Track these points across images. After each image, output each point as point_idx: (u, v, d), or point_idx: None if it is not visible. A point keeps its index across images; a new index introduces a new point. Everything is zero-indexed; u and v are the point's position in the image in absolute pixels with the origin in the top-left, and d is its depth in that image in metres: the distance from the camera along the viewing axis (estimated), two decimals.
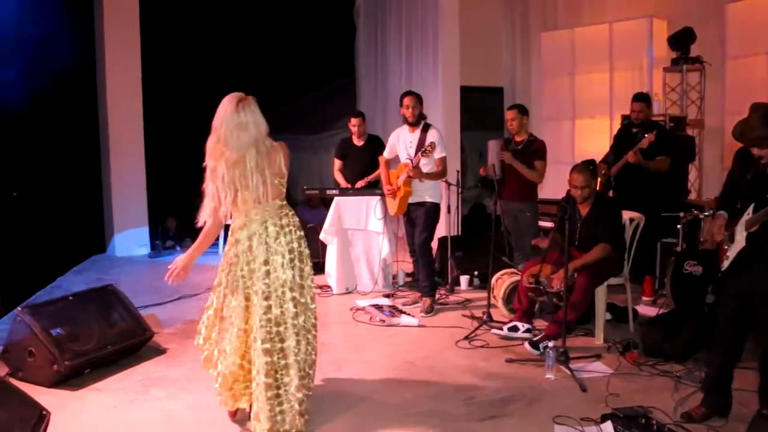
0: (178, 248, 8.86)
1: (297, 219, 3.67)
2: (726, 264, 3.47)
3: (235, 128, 3.39)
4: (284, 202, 3.62)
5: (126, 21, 8.43)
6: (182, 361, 4.67)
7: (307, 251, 3.69)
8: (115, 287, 4.99)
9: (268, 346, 3.42)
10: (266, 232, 3.51)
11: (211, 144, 3.43)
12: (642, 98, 6.55)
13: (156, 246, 8.82)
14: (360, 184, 6.75)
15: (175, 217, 9.46)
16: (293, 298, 3.52)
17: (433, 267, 6.10)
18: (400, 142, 5.96)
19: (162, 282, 3.61)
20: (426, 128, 5.81)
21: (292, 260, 3.55)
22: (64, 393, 4.06)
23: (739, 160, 3.56)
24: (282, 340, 3.47)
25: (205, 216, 3.49)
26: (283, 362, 3.46)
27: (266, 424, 3.38)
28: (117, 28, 8.38)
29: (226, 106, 3.45)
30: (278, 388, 3.44)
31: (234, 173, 3.42)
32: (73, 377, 4.21)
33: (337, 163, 7.04)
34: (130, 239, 8.63)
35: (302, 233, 3.66)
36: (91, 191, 8.78)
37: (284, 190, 3.60)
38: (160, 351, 4.87)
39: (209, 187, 3.43)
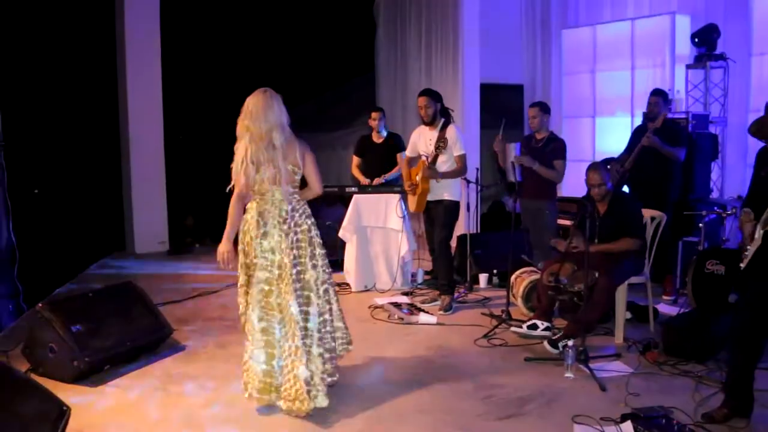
0: (197, 245, 8.90)
1: (306, 205, 3.98)
2: (745, 263, 3.42)
3: (262, 107, 3.77)
4: (296, 190, 3.91)
5: (147, 17, 8.47)
6: (201, 358, 4.70)
7: (318, 237, 3.98)
8: (134, 284, 5.03)
9: (264, 324, 3.78)
10: (279, 213, 3.82)
11: (240, 123, 3.81)
12: (657, 93, 6.50)
13: (175, 243, 8.86)
14: (377, 181, 6.75)
15: (192, 215, 9.50)
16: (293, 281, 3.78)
17: (452, 265, 6.07)
18: (421, 140, 5.95)
19: (181, 279, 3.68)
20: (445, 125, 5.79)
21: (298, 241, 3.84)
22: (84, 389, 4.10)
23: (761, 159, 3.53)
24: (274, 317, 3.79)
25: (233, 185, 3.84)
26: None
27: None
28: (138, 25, 8.41)
29: (256, 92, 3.84)
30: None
31: (259, 147, 3.76)
32: (93, 373, 4.24)
33: (356, 160, 7.05)
34: (150, 236, 8.68)
35: (312, 220, 3.96)
36: (111, 188, 8.85)
37: (298, 180, 3.90)
38: (179, 348, 4.90)
39: (235, 162, 3.78)
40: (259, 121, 3.76)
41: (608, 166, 6.66)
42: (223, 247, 3.81)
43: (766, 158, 3.42)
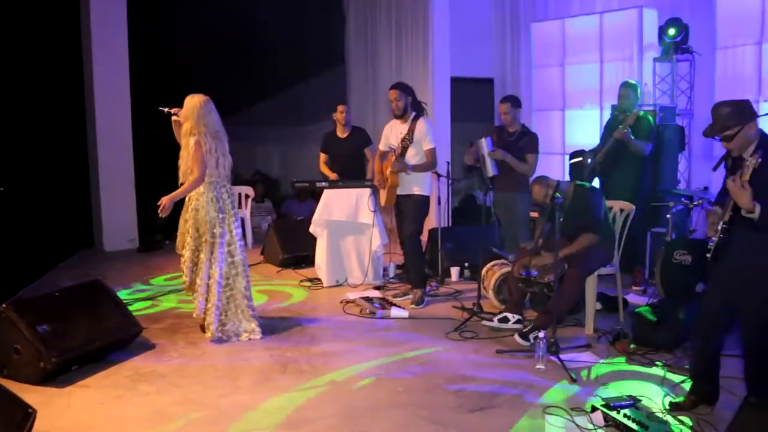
0: (167, 242, 8.80)
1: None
2: (710, 254, 3.48)
3: (208, 112, 4.77)
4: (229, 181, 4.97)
5: (112, 8, 8.34)
6: (171, 356, 4.64)
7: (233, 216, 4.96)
8: (102, 282, 4.95)
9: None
10: (229, 196, 4.94)
11: (189, 121, 4.73)
12: (627, 85, 6.57)
13: (145, 240, 8.75)
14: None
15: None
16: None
17: (422, 259, 6.08)
18: (392, 134, 5.93)
19: (151, 276, 3.67)
20: (416, 119, 5.78)
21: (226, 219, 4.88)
22: (51, 390, 4.02)
23: (727, 157, 3.57)
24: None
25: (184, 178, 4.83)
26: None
27: None
28: (103, 16, 8.27)
29: (193, 99, 4.77)
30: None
31: (216, 141, 4.78)
32: (60, 374, 4.17)
33: (322, 157, 7.00)
34: (119, 234, 8.57)
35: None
36: (78, 186, 8.72)
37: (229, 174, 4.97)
38: (149, 346, 4.84)
39: (201, 154, 4.69)
40: (211, 118, 4.78)
41: (579, 159, 6.76)
42: (166, 199, 4.73)
43: (734, 159, 3.46)
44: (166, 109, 4.93)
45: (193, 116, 4.76)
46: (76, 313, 4.47)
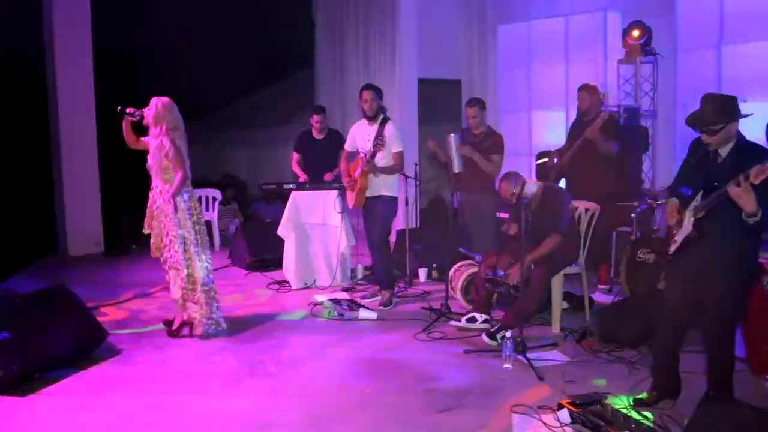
0: (134, 246, 8.69)
1: None
2: (673, 248, 3.53)
3: (177, 113, 4.93)
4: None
5: (76, 13, 8.22)
6: (137, 362, 4.58)
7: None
8: (66, 287, 4.87)
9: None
10: (193, 198, 5.03)
11: (162, 127, 4.84)
12: (585, 87, 6.62)
13: (111, 244, 8.63)
14: (328, 177, 6.68)
15: (129, 215, 9.26)
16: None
17: (390, 260, 6.10)
18: (360, 135, 5.94)
19: (116, 281, 3.62)
20: (384, 122, 5.79)
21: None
22: (12, 400, 3.92)
23: (693, 149, 3.64)
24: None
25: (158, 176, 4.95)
26: None
27: None
28: (65, 13, 8.16)
29: (163, 99, 4.90)
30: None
31: (184, 145, 4.93)
32: (23, 383, 4.06)
33: (296, 156, 6.99)
34: (84, 238, 8.44)
35: None
36: (42, 189, 8.56)
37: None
38: (115, 352, 4.76)
39: (182, 154, 4.88)
40: (180, 119, 4.94)
41: (545, 159, 6.82)
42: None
43: (698, 148, 3.53)
44: (128, 110, 4.94)
45: (167, 117, 4.86)
46: (38, 319, 4.39)
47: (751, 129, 6.33)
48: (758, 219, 3.19)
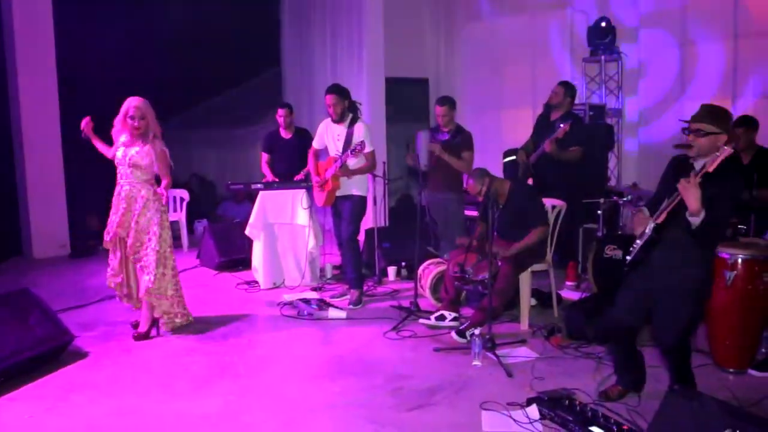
0: (101, 247, 8.54)
1: None
2: (631, 253, 3.53)
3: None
4: None
5: (38, 13, 8.07)
6: (105, 365, 4.52)
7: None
8: (29, 291, 4.79)
9: None
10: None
11: (152, 128, 4.90)
12: (563, 84, 6.70)
13: (77, 246, 8.50)
14: (299, 178, 6.66)
15: (96, 215, 9.13)
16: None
17: (360, 259, 6.10)
18: (329, 135, 5.92)
19: (83, 283, 3.56)
20: (353, 122, 5.78)
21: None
22: None
23: (673, 166, 3.62)
24: None
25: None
26: None
27: None
28: (28, 21, 8.00)
29: (144, 101, 4.85)
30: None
31: None
32: None
33: (264, 157, 6.96)
34: (49, 239, 8.30)
35: None
36: (4, 191, 8.40)
37: None
38: (81, 355, 4.70)
39: (168, 158, 4.96)
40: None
41: (513, 157, 6.88)
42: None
43: (680, 166, 3.50)
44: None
45: (152, 117, 4.90)
46: (2, 323, 4.31)
47: None
48: (698, 222, 3.19)
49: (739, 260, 4.11)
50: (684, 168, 3.43)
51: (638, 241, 3.47)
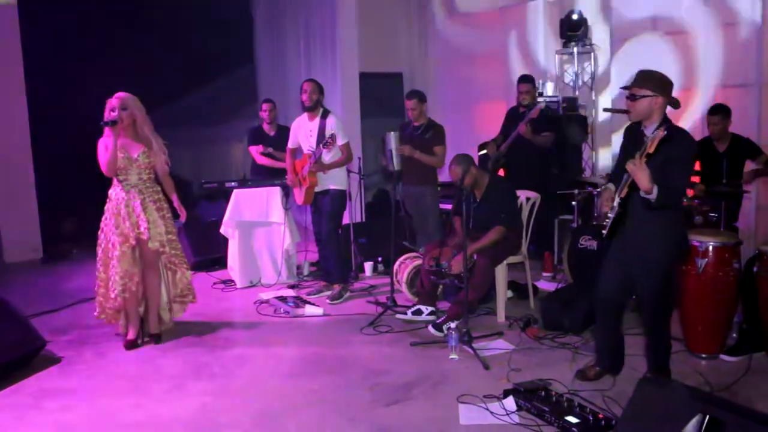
0: (75, 251, 8.46)
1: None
2: (604, 232, 3.60)
3: None
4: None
5: (3, 14, 7.92)
6: (78, 370, 4.46)
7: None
8: None
9: None
10: None
11: (147, 124, 4.76)
12: (526, 80, 6.74)
13: (50, 250, 8.38)
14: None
15: (74, 218, 9.01)
16: None
17: (342, 254, 6.09)
18: (301, 131, 5.89)
19: (56, 287, 3.51)
20: (325, 115, 5.76)
21: None
22: None
23: (628, 134, 3.71)
24: None
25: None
26: None
27: None
28: None
29: (128, 94, 4.66)
30: None
31: None
32: None
33: (257, 148, 6.88)
34: (20, 244, 8.15)
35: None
36: None
37: None
38: (53, 360, 4.63)
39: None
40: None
41: (484, 151, 6.90)
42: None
43: (635, 135, 3.60)
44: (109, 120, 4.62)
45: (139, 110, 4.75)
46: None
47: (686, 116, 6.55)
48: (653, 198, 3.27)
49: (710, 248, 4.16)
50: (637, 135, 3.54)
51: (610, 215, 3.53)
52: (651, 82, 3.47)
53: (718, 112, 5.67)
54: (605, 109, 5.41)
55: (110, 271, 4.71)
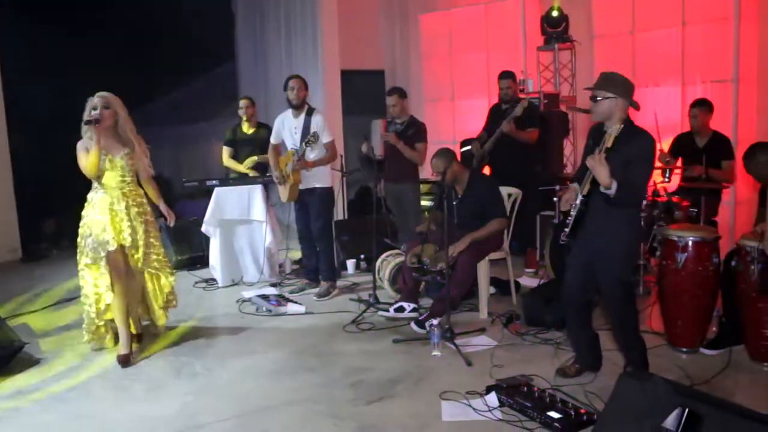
0: (55, 251, 8.38)
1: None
2: (567, 230, 3.65)
3: None
4: None
5: None
6: (58, 371, 4.41)
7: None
8: None
9: None
10: None
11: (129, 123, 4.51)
12: (507, 75, 6.76)
13: (29, 250, 8.30)
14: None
15: (55, 218, 8.92)
16: None
17: (332, 251, 6.08)
18: (285, 128, 5.86)
19: (35, 288, 3.45)
20: (310, 113, 5.73)
21: None
22: None
23: (592, 135, 3.74)
24: None
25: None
26: None
27: None
28: None
29: (110, 94, 4.43)
30: None
31: None
32: None
33: (227, 151, 6.84)
34: None
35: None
36: None
37: None
38: (32, 362, 4.56)
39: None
40: None
41: (468, 147, 6.90)
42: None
43: (599, 134, 3.62)
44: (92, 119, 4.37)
45: (122, 108, 4.51)
46: None
47: (664, 112, 6.58)
48: (612, 193, 3.32)
49: (690, 243, 4.18)
50: (600, 136, 3.57)
51: (572, 213, 3.58)
52: (612, 84, 3.53)
53: (699, 105, 5.75)
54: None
55: (86, 281, 4.52)
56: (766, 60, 6.36)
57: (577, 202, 3.55)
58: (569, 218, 3.59)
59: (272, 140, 6.02)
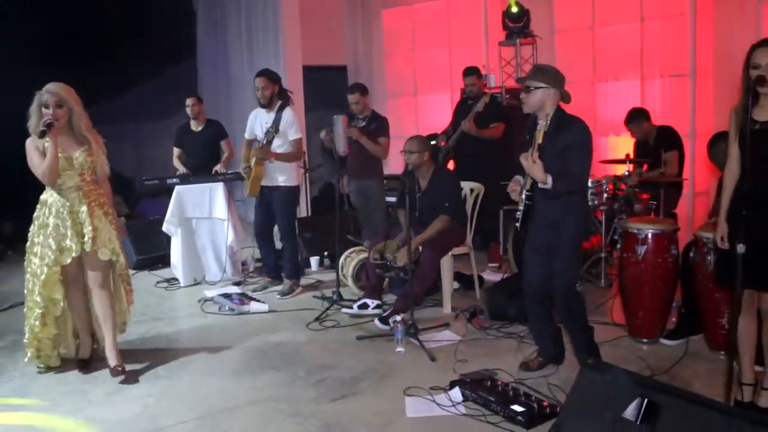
0: (10, 253, 8.18)
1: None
2: (518, 224, 3.71)
3: None
4: None
5: None
6: (13, 376, 4.29)
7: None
8: None
9: None
10: None
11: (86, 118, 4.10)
12: (472, 71, 6.79)
13: None
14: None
15: (9, 221, 8.70)
16: None
17: (296, 250, 6.05)
18: (257, 123, 5.81)
19: None
20: (281, 109, 5.67)
21: None
22: None
23: (529, 128, 3.80)
24: None
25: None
26: None
27: None
28: None
29: (61, 85, 4.04)
30: None
31: None
32: None
33: (176, 151, 6.79)
34: None
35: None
36: None
37: None
38: None
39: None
40: None
41: (433, 142, 6.91)
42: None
43: (534, 125, 3.69)
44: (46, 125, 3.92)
45: (81, 106, 4.10)
46: None
47: (623, 106, 6.67)
48: (549, 187, 3.42)
49: (649, 235, 4.24)
50: (536, 128, 3.64)
51: (520, 208, 3.65)
52: (544, 75, 3.60)
53: (630, 121, 5.94)
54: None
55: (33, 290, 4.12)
56: (721, 55, 6.46)
57: (523, 197, 3.62)
58: (518, 212, 3.66)
59: (246, 135, 5.96)
